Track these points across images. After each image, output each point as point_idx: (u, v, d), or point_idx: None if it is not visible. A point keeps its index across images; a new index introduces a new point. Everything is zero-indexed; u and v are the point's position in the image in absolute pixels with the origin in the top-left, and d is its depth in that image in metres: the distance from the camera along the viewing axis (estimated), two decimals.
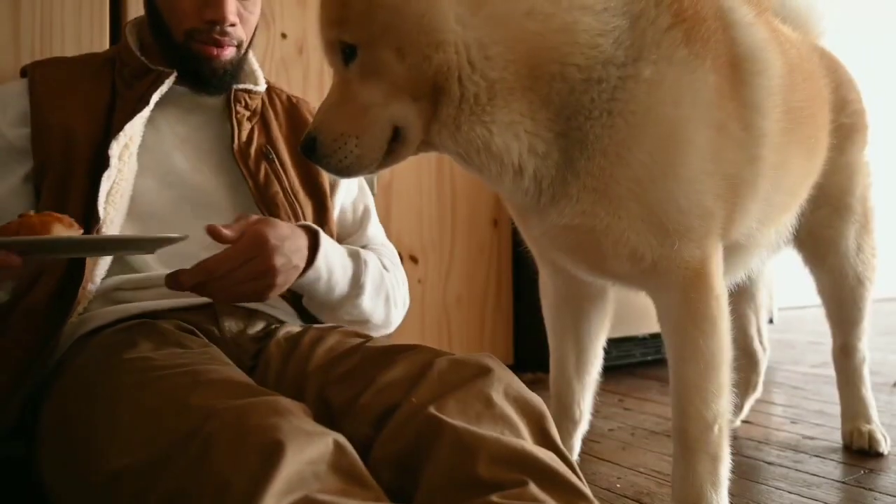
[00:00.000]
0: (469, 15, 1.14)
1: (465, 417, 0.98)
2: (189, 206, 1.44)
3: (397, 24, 1.13)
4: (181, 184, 1.45)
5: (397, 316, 1.60)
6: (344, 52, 1.18)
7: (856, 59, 2.00)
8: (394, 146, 1.21)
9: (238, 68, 1.53)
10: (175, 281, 1.19)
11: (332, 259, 1.40)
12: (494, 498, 0.87)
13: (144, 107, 1.41)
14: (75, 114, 1.41)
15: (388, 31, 1.13)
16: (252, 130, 1.55)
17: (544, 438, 1.01)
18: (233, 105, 1.52)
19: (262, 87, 1.59)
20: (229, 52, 1.48)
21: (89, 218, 1.32)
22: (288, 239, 1.28)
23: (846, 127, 1.79)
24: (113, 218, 1.35)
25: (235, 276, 1.22)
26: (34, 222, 1.10)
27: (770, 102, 1.34)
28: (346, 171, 1.21)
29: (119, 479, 0.96)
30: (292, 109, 1.66)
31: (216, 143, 1.52)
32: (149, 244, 1.21)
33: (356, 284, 1.46)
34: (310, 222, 1.42)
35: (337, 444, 0.91)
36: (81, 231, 1.16)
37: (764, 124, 1.33)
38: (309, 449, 0.87)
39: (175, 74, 1.47)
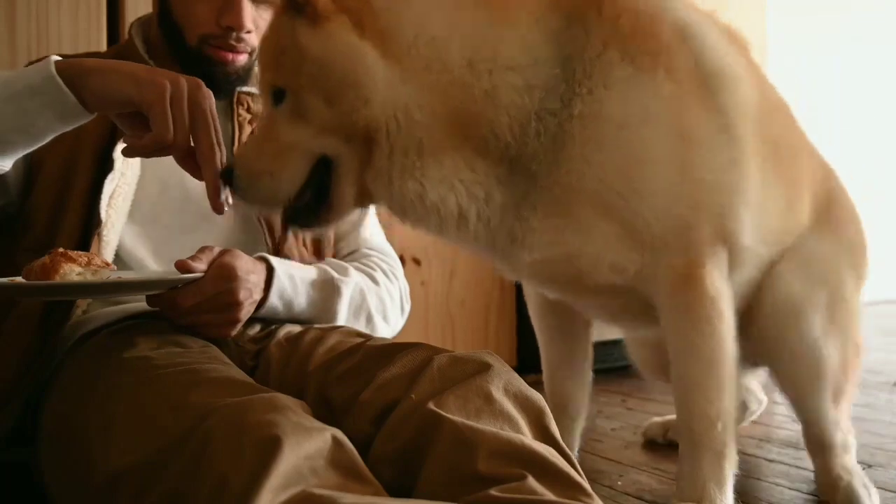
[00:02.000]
0: (398, 81, 1.16)
1: (464, 413, 0.98)
2: (190, 210, 1.44)
3: (324, 76, 1.16)
4: (182, 187, 1.44)
5: (387, 331, 1.59)
6: (274, 94, 1.21)
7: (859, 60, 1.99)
8: (326, 182, 1.22)
9: (248, 74, 1.53)
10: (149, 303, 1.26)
11: (291, 294, 1.39)
12: (493, 492, 0.87)
13: None
14: None
15: (316, 82, 1.17)
16: (252, 133, 1.55)
17: (544, 434, 1.02)
18: (235, 107, 1.52)
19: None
20: (242, 59, 1.48)
21: (90, 220, 1.32)
22: (252, 273, 1.30)
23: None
24: (114, 221, 1.35)
25: (202, 307, 1.24)
26: (45, 263, 1.11)
27: (742, 113, 1.32)
28: (262, 204, 1.24)
29: (119, 480, 0.97)
30: None
31: None
32: (161, 285, 1.22)
33: (326, 311, 1.46)
34: (266, 254, 1.40)
35: (335, 440, 0.91)
36: (110, 265, 1.17)
37: (741, 128, 1.31)
38: (307, 444, 0.87)
39: None
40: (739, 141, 1.31)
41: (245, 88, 1.55)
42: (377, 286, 1.56)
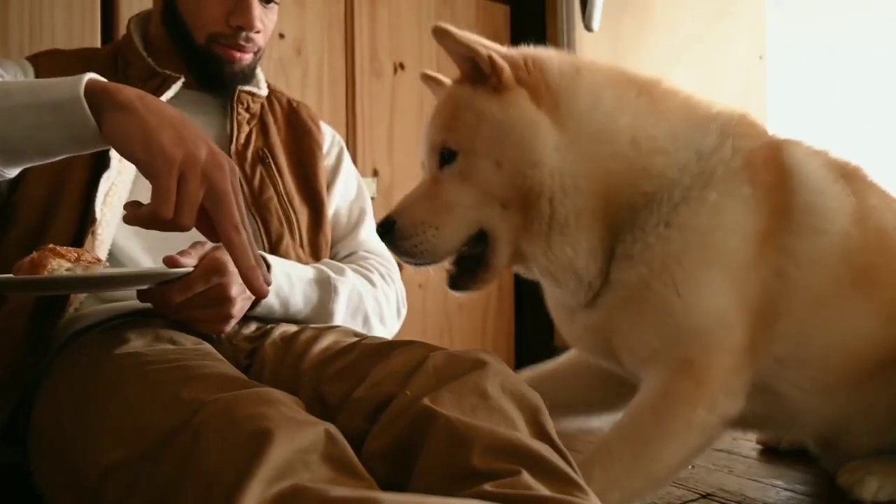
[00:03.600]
0: (565, 147, 1.30)
1: (459, 409, 0.97)
2: None
3: (500, 139, 1.31)
4: None
5: (384, 333, 1.58)
6: (443, 155, 1.35)
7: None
8: (482, 252, 1.37)
9: (251, 73, 1.55)
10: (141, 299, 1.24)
11: (287, 292, 1.39)
12: (487, 487, 0.85)
13: None
14: None
15: (491, 144, 1.31)
16: (250, 133, 1.55)
17: (540, 431, 1.00)
18: (235, 106, 1.53)
19: (264, 92, 1.60)
20: (248, 58, 1.51)
21: (85, 218, 1.31)
22: None
23: None
24: (109, 220, 1.34)
25: (193, 302, 1.23)
26: (34, 258, 1.09)
27: (818, 250, 1.37)
28: (419, 256, 1.34)
29: (109, 475, 0.96)
30: (292, 114, 1.67)
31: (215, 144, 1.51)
32: (148, 279, 1.20)
33: (323, 311, 1.46)
34: (263, 252, 1.40)
35: (328, 434, 0.90)
36: (101, 261, 1.16)
37: (804, 266, 1.37)
38: (299, 437, 0.86)
39: (182, 80, 1.47)
40: (793, 282, 1.36)
41: (246, 88, 1.56)
42: (374, 288, 1.56)
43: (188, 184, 0.99)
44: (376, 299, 1.56)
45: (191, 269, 1.21)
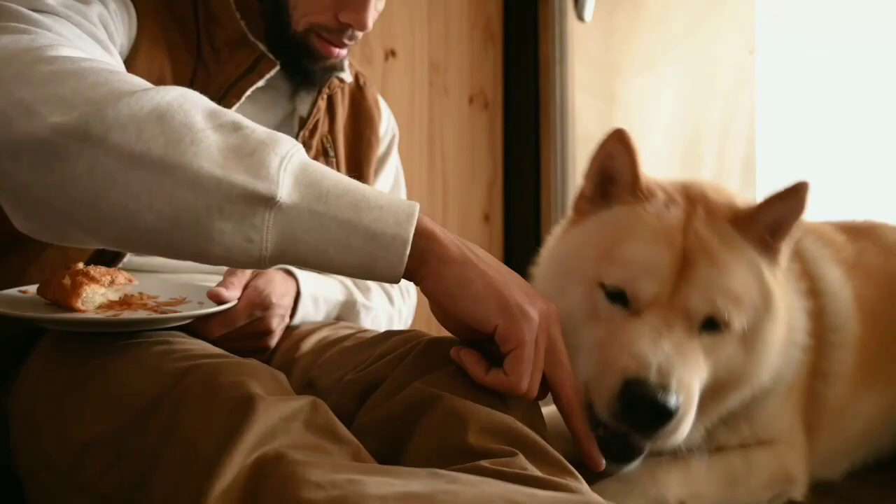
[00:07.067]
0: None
1: (453, 391, 0.95)
2: None
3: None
4: None
5: None
6: (705, 321, 1.16)
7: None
8: None
9: (342, 66, 1.45)
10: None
11: (312, 317, 1.37)
12: (484, 463, 0.84)
13: (235, 102, 1.26)
14: (161, 72, 1.24)
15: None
16: (320, 119, 1.46)
17: (533, 423, 0.99)
18: (322, 93, 1.43)
19: (349, 78, 1.51)
20: (345, 52, 1.39)
21: None
22: (285, 296, 1.25)
23: None
24: None
25: (233, 335, 1.20)
26: (65, 284, 1.03)
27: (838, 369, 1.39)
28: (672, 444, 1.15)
29: (88, 453, 0.92)
30: (357, 93, 1.57)
31: (283, 127, 1.39)
32: (191, 318, 1.11)
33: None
34: (295, 270, 1.32)
35: (312, 402, 0.88)
36: (132, 280, 1.11)
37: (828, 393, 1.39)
38: (282, 405, 0.84)
39: (277, 68, 1.33)
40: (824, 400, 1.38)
41: (340, 74, 1.46)
42: (392, 307, 1.55)
43: (539, 349, 0.92)
44: (390, 318, 1.54)
45: (234, 303, 1.16)
